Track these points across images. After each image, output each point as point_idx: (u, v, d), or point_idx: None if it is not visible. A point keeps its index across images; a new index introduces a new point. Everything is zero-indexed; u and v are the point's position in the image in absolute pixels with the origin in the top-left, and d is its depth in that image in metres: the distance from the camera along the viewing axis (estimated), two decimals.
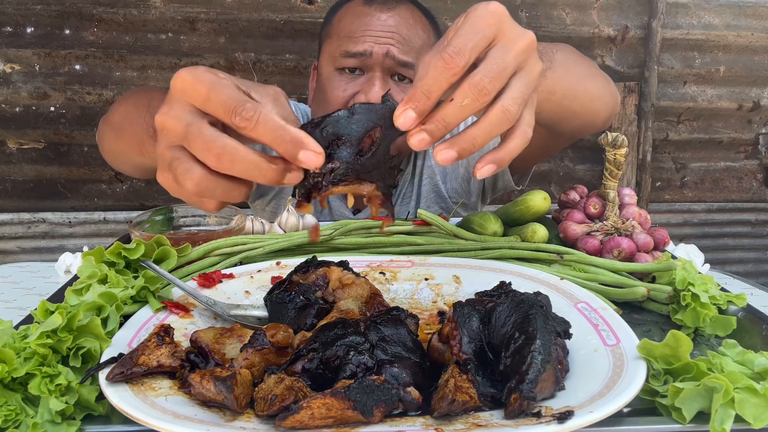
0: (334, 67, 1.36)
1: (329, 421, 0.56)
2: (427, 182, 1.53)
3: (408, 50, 1.32)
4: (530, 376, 0.58)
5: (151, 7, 2.13)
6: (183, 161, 0.61)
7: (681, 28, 2.39)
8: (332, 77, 1.37)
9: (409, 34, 1.34)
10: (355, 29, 1.34)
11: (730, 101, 2.52)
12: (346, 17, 1.38)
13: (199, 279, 0.88)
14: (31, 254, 2.37)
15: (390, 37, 1.32)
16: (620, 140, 1.04)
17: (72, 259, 1.15)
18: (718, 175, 2.67)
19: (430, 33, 1.39)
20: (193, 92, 0.60)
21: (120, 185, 2.35)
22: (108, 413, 0.64)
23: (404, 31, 1.33)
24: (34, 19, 2.12)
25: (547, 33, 2.31)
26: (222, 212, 1.15)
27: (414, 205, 1.53)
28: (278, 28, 2.18)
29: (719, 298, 0.85)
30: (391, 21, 1.33)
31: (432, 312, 0.87)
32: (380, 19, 1.33)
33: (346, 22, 1.37)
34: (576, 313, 0.77)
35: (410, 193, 1.55)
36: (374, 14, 1.34)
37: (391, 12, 1.34)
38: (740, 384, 0.60)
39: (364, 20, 1.34)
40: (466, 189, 1.52)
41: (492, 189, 1.53)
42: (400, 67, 1.32)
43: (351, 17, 1.37)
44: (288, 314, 0.78)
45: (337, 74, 1.36)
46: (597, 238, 1.05)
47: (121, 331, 0.74)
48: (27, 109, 2.19)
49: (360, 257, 0.97)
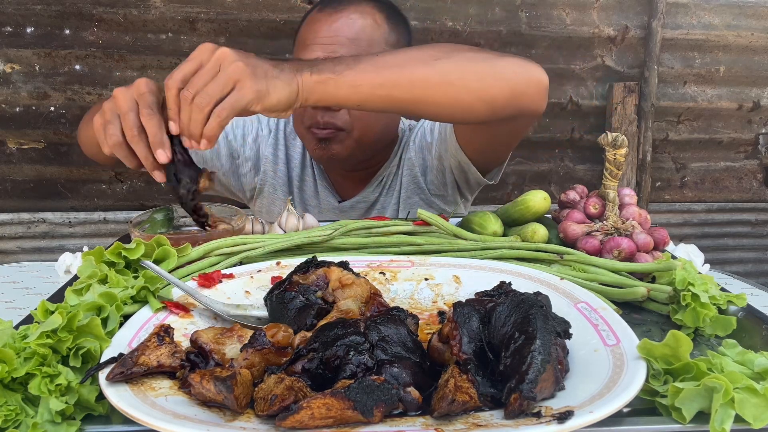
0: None
1: (329, 421, 0.56)
2: (407, 173, 1.57)
3: (353, 52, 1.34)
4: (530, 376, 0.58)
5: (151, 7, 2.13)
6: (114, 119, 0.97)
7: (681, 28, 2.39)
8: None
9: (356, 33, 1.37)
10: (306, 37, 1.40)
11: (730, 101, 2.52)
12: (304, 26, 1.44)
13: (199, 279, 0.88)
14: (31, 254, 2.36)
15: (334, 42, 1.35)
16: (620, 140, 1.04)
17: (72, 259, 1.15)
18: (718, 175, 2.67)
19: (381, 27, 1.41)
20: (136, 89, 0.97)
21: (120, 185, 2.35)
22: (108, 413, 0.64)
23: (349, 32, 1.36)
24: (34, 19, 2.12)
25: (547, 33, 2.31)
26: (222, 212, 1.15)
27: (396, 195, 1.58)
28: (278, 28, 2.18)
29: (719, 298, 0.85)
30: (338, 24, 1.37)
31: (432, 312, 0.87)
32: (327, 24, 1.37)
33: (303, 31, 1.43)
34: (576, 313, 0.77)
35: (395, 184, 1.59)
36: (323, 20, 1.38)
37: (339, 14, 1.38)
38: (740, 384, 0.60)
39: (314, 27, 1.39)
40: (442, 181, 1.55)
41: (466, 184, 1.54)
42: None
43: (306, 26, 1.42)
44: (288, 314, 0.78)
45: None
46: (597, 238, 1.05)
47: (121, 331, 0.74)
48: (27, 109, 2.19)
49: (360, 257, 0.97)
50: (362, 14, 1.39)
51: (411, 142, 1.58)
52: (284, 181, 1.62)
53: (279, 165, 1.62)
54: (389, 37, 1.42)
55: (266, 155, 1.61)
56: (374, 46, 1.38)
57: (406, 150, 1.58)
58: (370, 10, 1.41)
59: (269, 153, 1.61)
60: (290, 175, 1.62)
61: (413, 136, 1.59)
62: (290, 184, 1.62)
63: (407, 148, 1.58)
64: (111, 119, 0.97)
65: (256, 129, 1.62)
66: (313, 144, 1.44)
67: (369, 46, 1.37)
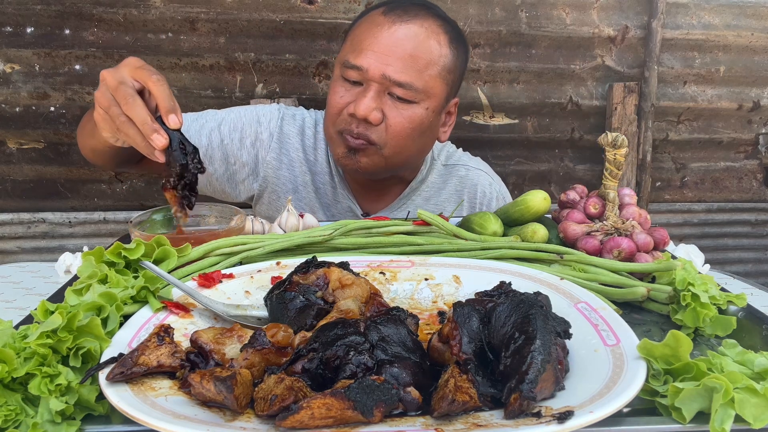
0: (340, 73, 1.38)
1: (329, 421, 0.56)
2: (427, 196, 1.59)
3: (409, 68, 1.31)
4: (530, 376, 0.58)
5: (151, 7, 2.13)
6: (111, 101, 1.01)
7: (681, 28, 2.39)
8: (336, 81, 1.39)
9: (417, 50, 1.31)
10: (362, 40, 1.33)
11: (730, 101, 2.52)
12: (363, 25, 1.38)
13: (199, 279, 0.88)
14: (31, 254, 2.36)
15: (391, 54, 1.30)
16: (620, 140, 1.04)
17: (72, 259, 1.15)
18: (718, 175, 2.66)
19: (446, 46, 1.35)
20: (132, 65, 1.04)
21: (120, 185, 2.35)
22: (108, 413, 0.64)
23: (410, 47, 1.31)
24: (34, 19, 2.11)
25: (547, 33, 2.31)
26: (222, 212, 1.15)
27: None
28: (278, 28, 2.18)
29: (719, 298, 0.85)
30: (400, 34, 1.31)
31: (432, 312, 0.87)
32: (390, 32, 1.31)
33: (360, 30, 1.37)
34: (576, 313, 0.77)
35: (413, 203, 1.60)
36: (386, 26, 1.32)
37: (404, 25, 1.32)
38: (740, 384, 0.60)
39: (374, 32, 1.32)
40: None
41: None
42: (396, 87, 1.32)
43: (365, 26, 1.36)
44: (288, 314, 0.78)
45: (341, 80, 1.38)
46: (597, 238, 1.05)
47: (121, 331, 0.74)
48: (27, 109, 2.19)
49: (360, 257, 0.97)
50: (427, 32, 1.33)
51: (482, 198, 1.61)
52: (288, 188, 1.55)
53: (282, 170, 1.55)
54: (447, 62, 1.36)
55: (267, 160, 1.53)
56: (430, 69, 1.33)
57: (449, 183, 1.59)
58: (436, 28, 1.35)
59: (271, 158, 1.53)
60: (298, 180, 1.55)
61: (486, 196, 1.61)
62: (297, 190, 1.56)
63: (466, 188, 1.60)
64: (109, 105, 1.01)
65: (254, 132, 1.54)
66: (341, 150, 1.39)
67: (426, 66, 1.32)
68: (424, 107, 1.36)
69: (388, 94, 1.34)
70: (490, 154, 2.40)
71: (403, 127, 1.35)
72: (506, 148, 2.45)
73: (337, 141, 1.40)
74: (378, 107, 1.33)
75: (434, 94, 1.37)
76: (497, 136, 2.41)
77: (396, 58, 1.30)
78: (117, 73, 1.02)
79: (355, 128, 1.34)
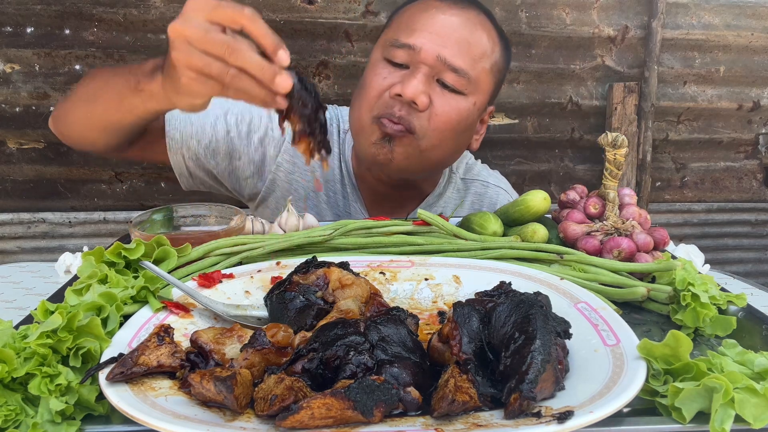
0: (383, 55, 1.28)
1: (329, 421, 0.56)
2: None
3: (465, 54, 1.23)
4: (530, 376, 0.58)
5: (151, 7, 2.13)
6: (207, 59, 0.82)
7: (681, 28, 2.39)
8: (377, 64, 1.29)
9: (474, 38, 1.25)
10: (415, 20, 1.25)
11: (730, 101, 2.52)
12: (411, 9, 1.30)
13: (199, 279, 0.88)
14: (31, 254, 2.36)
15: (448, 37, 1.22)
16: (620, 140, 1.04)
17: (72, 259, 1.15)
18: (718, 175, 2.66)
19: (495, 45, 1.30)
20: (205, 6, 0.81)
21: (120, 185, 2.35)
22: (108, 413, 0.64)
23: (467, 33, 1.24)
24: (34, 19, 2.11)
25: (547, 33, 2.31)
26: (222, 212, 1.15)
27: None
28: (278, 28, 2.18)
29: (719, 298, 0.85)
30: (457, 20, 1.25)
31: (432, 312, 0.87)
32: (445, 15, 1.24)
33: (411, 11, 1.29)
34: (576, 313, 0.77)
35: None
36: (441, 8, 1.25)
37: (462, 12, 1.26)
38: (740, 384, 0.60)
39: (430, 13, 1.25)
40: None
41: None
42: (449, 72, 1.23)
43: (416, 9, 1.29)
44: (288, 314, 0.78)
45: (383, 62, 1.28)
46: (597, 238, 1.05)
47: (121, 331, 0.74)
48: (27, 109, 2.19)
49: (360, 257, 0.97)
50: (483, 25, 1.28)
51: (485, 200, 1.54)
52: (300, 195, 1.45)
53: (295, 175, 1.44)
54: (498, 59, 1.31)
55: (279, 162, 1.42)
56: (483, 60, 1.27)
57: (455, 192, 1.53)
58: (488, 25, 1.30)
59: (284, 160, 1.42)
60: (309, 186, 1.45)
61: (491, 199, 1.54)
62: (308, 197, 1.46)
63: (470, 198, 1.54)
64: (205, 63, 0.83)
65: (265, 127, 1.40)
66: (375, 137, 1.26)
67: (480, 56, 1.26)
68: (471, 101, 1.28)
69: (437, 80, 1.24)
70: (490, 154, 2.41)
71: (449, 118, 1.25)
72: (506, 148, 2.46)
73: (370, 129, 1.26)
74: (426, 92, 1.23)
75: (483, 90, 1.30)
76: (497, 136, 2.41)
77: (453, 41, 1.22)
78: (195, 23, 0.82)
79: (397, 111, 1.22)
